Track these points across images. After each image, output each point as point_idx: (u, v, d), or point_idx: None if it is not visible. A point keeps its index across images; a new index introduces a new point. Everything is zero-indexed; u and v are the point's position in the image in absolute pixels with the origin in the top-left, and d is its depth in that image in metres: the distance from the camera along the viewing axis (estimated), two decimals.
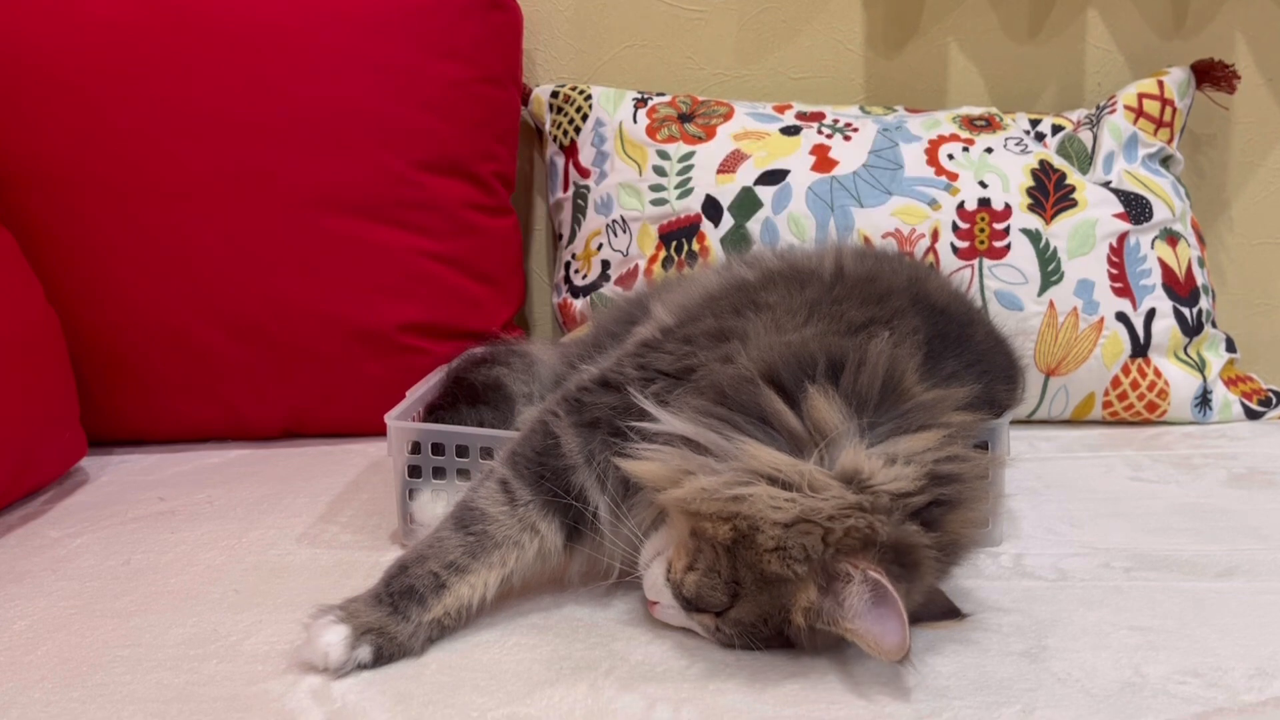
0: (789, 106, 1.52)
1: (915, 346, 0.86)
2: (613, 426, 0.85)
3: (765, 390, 0.79)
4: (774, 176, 1.42)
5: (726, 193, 1.43)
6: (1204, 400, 1.40)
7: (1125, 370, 1.38)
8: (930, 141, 1.44)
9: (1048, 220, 1.39)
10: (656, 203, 1.45)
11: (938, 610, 0.78)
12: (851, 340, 0.83)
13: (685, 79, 1.62)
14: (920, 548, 0.76)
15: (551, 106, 1.57)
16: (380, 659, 0.79)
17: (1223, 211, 1.62)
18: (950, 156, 1.43)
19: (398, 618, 0.80)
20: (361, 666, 0.78)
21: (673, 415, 0.81)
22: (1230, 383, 1.43)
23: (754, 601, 0.77)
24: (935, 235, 1.38)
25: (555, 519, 0.85)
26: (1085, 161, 1.46)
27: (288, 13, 1.35)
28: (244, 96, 1.32)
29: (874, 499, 0.75)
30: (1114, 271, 1.39)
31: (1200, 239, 1.49)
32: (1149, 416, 1.40)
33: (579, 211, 1.52)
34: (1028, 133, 1.49)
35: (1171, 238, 1.42)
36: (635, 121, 1.50)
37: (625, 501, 0.85)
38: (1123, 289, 1.38)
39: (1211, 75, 1.51)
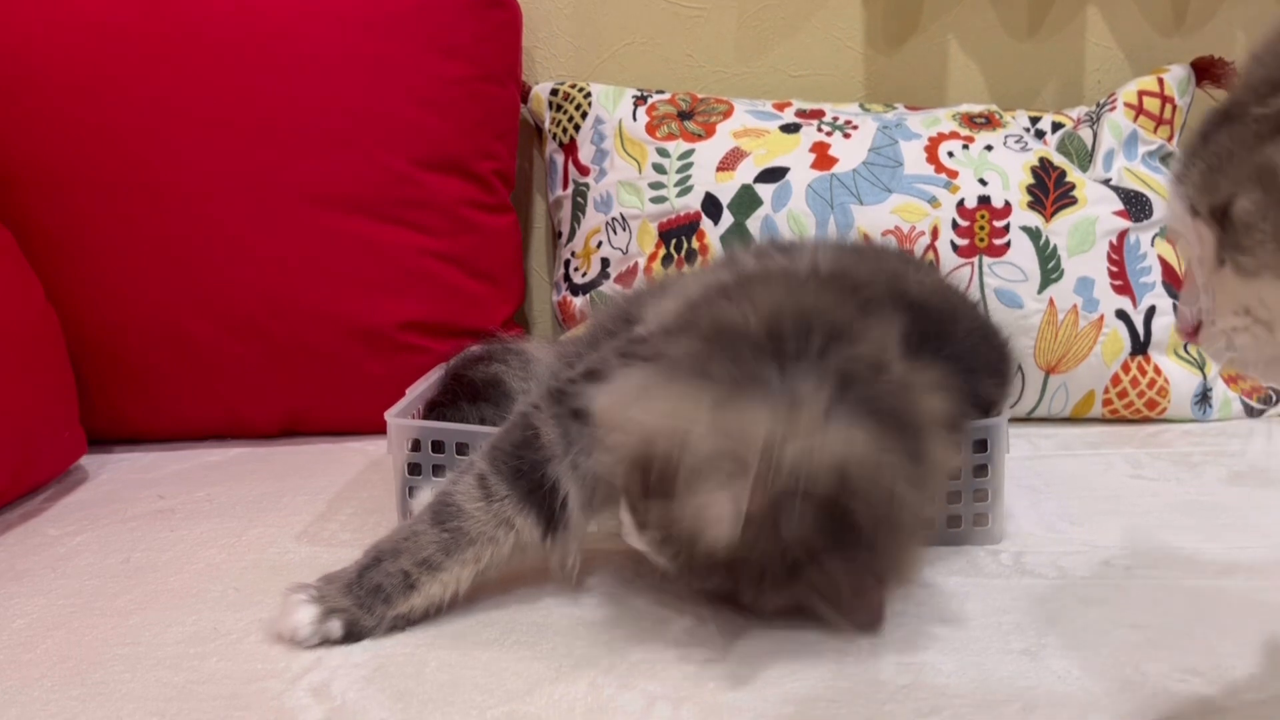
0: (789, 104, 1.52)
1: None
2: (590, 411, 0.86)
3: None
4: (774, 174, 1.42)
5: (726, 190, 1.42)
6: (1204, 398, 1.40)
7: (1125, 368, 1.38)
8: (930, 139, 1.44)
9: (1048, 218, 1.39)
10: (656, 200, 1.45)
11: None
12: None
13: (685, 76, 1.62)
14: None
15: (551, 104, 1.56)
16: (349, 637, 0.82)
17: None
18: (950, 154, 1.43)
19: (363, 610, 0.83)
20: (326, 641, 0.82)
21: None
22: (1230, 380, 1.42)
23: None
24: (935, 233, 1.38)
25: (532, 512, 0.85)
26: (1085, 159, 1.46)
27: (286, 11, 1.34)
28: (243, 95, 1.32)
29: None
30: (1114, 269, 1.39)
31: None
32: (1149, 414, 1.40)
33: (578, 209, 1.52)
34: (1028, 130, 1.49)
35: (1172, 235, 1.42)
36: (635, 119, 1.50)
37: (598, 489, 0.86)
38: (1123, 286, 1.38)
39: (1212, 72, 1.51)
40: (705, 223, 1.42)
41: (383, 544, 0.86)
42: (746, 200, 1.41)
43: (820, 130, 1.46)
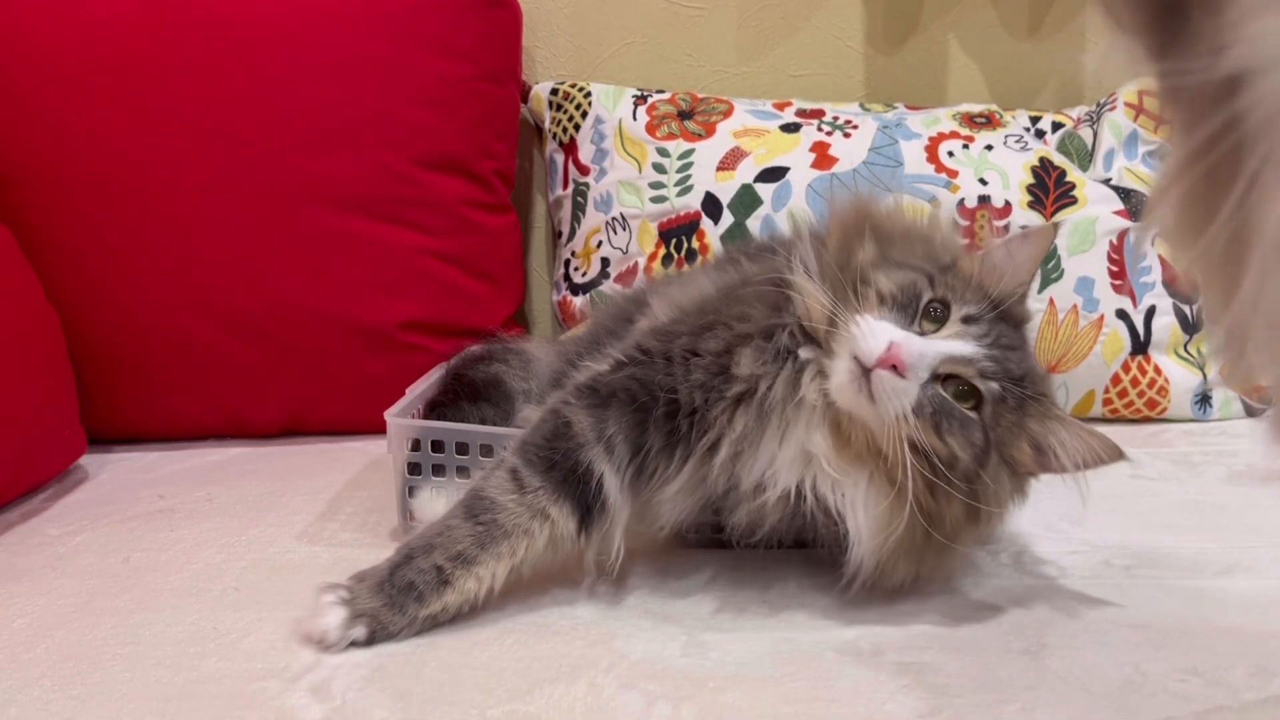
0: (789, 104, 1.52)
1: None
2: (630, 395, 0.86)
3: None
4: (774, 174, 1.42)
5: (726, 190, 1.42)
6: (1204, 398, 1.40)
7: (1125, 367, 1.38)
8: (930, 139, 1.44)
9: (1048, 217, 1.39)
10: (656, 200, 1.45)
11: None
12: None
13: (685, 76, 1.62)
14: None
15: (551, 104, 1.56)
16: (372, 641, 0.81)
17: None
18: (950, 154, 1.43)
19: (394, 610, 0.82)
20: (355, 644, 0.81)
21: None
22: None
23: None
24: None
25: (566, 503, 0.85)
26: (1085, 159, 1.46)
27: (287, 10, 1.34)
28: (243, 94, 1.32)
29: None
30: (1114, 269, 1.39)
31: None
32: (1149, 414, 1.40)
33: (578, 209, 1.52)
34: (1028, 130, 1.49)
35: None
36: (635, 119, 1.50)
37: (636, 460, 0.86)
38: (1123, 286, 1.38)
39: None
40: (705, 222, 1.42)
41: (414, 541, 0.84)
42: (747, 200, 1.41)
43: (820, 130, 1.46)
